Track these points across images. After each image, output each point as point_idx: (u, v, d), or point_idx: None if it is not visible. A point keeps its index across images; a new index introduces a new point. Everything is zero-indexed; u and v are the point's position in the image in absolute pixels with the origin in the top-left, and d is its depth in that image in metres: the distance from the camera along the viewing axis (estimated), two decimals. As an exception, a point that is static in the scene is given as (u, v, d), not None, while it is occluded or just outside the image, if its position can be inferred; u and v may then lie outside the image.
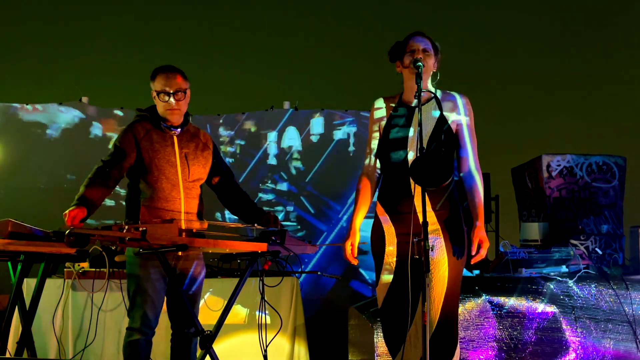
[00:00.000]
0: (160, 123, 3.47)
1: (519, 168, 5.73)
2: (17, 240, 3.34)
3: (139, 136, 3.44)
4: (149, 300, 3.39)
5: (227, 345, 4.55)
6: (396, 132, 3.24)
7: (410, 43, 3.25)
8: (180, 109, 3.48)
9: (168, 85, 3.44)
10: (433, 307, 3.12)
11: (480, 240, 3.13)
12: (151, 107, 3.55)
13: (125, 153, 3.41)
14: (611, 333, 4.41)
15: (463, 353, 4.20)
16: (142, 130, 3.46)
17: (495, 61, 7.74)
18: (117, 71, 7.45)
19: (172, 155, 3.46)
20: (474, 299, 4.33)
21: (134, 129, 3.47)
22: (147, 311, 3.39)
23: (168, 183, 3.43)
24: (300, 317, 4.75)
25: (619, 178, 5.30)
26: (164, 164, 3.43)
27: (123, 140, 3.44)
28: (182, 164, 3.48)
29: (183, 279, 3.53)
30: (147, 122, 3.50)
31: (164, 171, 3.43)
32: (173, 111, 3.46)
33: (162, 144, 3.46)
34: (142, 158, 3.42)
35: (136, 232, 3.02)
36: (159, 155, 3.43)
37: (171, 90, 3.43)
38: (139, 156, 3.42)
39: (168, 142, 3.48)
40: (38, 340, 4.08)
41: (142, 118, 3.52)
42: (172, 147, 3.48)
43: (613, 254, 5.14)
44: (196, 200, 3.54)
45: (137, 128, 3.47)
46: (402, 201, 3.18)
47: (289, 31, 7.83)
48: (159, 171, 3.42)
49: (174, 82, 3.45)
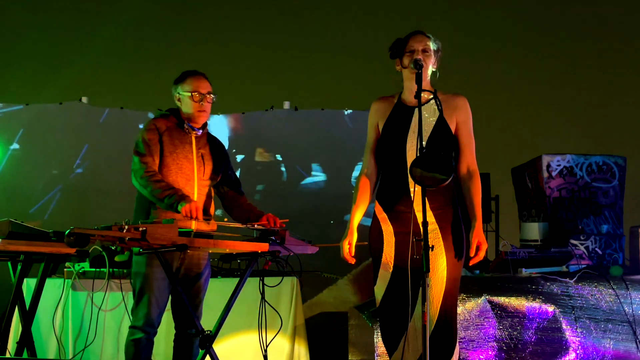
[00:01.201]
0: (184, 122, 3.59)
1: (519, 168, 5.73)
2: (17, 240, 3.34)
3: (161, 130, 3.54)
4: (153, 299, 3.42)
5: (227, 345, 4.55)
6: (395, 132, 3.24)
7: (410, 43, 3.25)
8: (207, 111, 3.63)
9: (201, 87, 3.59)
10: (432, 307, 3.13)
11: (478, 242, 3.14)
12: (173, 109, 3.66)
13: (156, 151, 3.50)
14: (611, 333, 4.41)
15: (463, 353, 4.20)
16: (164, 126, 3.56)
17: (495, 61, 7.74)
18: (117, 71, 7.45)
19: (189, 152, 3.57)
20: (474, 299, 4.33)
21: (157, 123, 3.57)
22: (151, 310, 3.41)
23: (183, 177, 3.53)
24: (300, 317, 4.75)
25: (619, 178, 5.30)
26: (182, 159, 3.54)
27: (150, 137, 3.51)
28: (199, 162, 3.58)
29: (189, 279, 3.54)
30: (168, 119, 3.60)
31: (181, 166, 3.53)
32: (202, 113, 3.59)
33: (182, 140, 3.57)
34: (162, 151, 3.51)
35: (136, 232, 3.03)
36: (178, 150, 3.54)
37: (204, 91, 3.58)
38: (160, 149, 3.52)
39: (187, 140, 3.58)
40: (38, 340, 4.08)
41: (163, 116, 3.63)
42: (190, 146, 3.59)
43: (613, 254, 5.14)
44: (208, 199, 3.64)
45: (160, 123, 3.57)
46: (401, 200, 3.18)
47: (289, 31, 7.83)
48: (176, 165, 3.52)
49: (206, 85, 3.62)
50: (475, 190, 3.23)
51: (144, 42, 7.67)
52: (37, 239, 3.46)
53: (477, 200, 3.22)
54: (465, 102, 3.28)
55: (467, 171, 3.26)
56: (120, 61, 7.51)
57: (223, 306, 3.51)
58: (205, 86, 3.60)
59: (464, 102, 3.28)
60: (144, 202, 3.51)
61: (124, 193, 6.18)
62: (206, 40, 7.76)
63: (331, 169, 6.57)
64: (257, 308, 3.70)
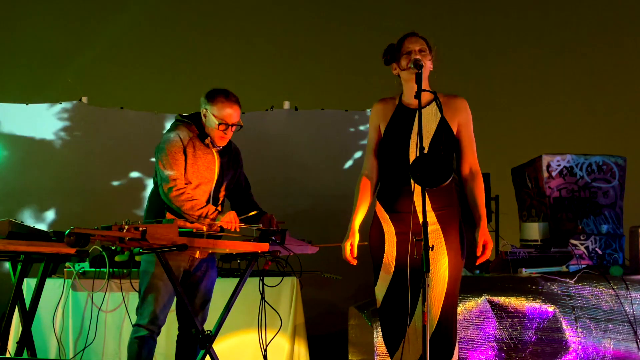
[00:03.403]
0: (206, 136, 3.54)
1: (519, 168, 5.73)
2: (17, 240, 3.34)
3: (185, 142, 3.49)
4: (160, 299, 3.43)
5: (227, 345, 4.55)
6: (398, 134, 3.24)
7: (406, 44, 3.25)
8: (229, 138, 3.58)
9: (230, 117, 3.50)
10: (433, 307, 3.13)
11: (485, 241, 3.15)
12: (194, 115, 3.59)
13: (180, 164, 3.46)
14: (611, 333, 4.41)
15: (463, 353, 4.20)
16: (187, 137, 3.51)
17: (495, 61, 7.74)
18: (117, 71, 7.44)
19: (212, 163, 3.55)
20: (474, 299, 4.33)
21: (181, 133, 3.51)
22: (156, 309, 3.43)
23: (200, 190, 3.51)
24: (300, 316, 4.75)
25: (619, 178, 5.30)
26: (204, 170, 3.52)
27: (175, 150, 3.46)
28: (219, 172, 3.57)
29: (196, 280, 3.56)
30: (190, 129, 3.54)
31: (203, 176, 3.51)
32: (223, 139, 3.55)
33: (204, 151, 3.54)
34: (185, 163, 3.47)
35: (136, 232, 3.02)
36: (200, 162, 3.51)
37: (231, 122, 3.51)
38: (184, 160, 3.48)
39: (209, 151, 3.56)
40: (38, 340, 4.08)
41: (186, 124, 3.56)
42: (212, 156, 3.57)
43: (613, 254, 5.14)
44: (221, 206, 3.65)
45: (183, 133, 3.51)
46: (403, 201, 3.18)
47: (289, 31, 7.83)
48: (196, 178, 3.49)
49: (236, 115, 3.53)
50: (479, 190, 3.24)
51: (144, 42, 7.66)
52: (37, 239, 3.46)
53: (481, 200, 3.23)
54: (465, 103, 3.29)
55: (470, 171, 3.27)
56: (120, 61, 7.50)
57: (223, 306, 3.51)
58: (234, 117, 3.52)
59: (464, 104, 3.28)
60: (156, 203, 3.52)
61: (125, 193, 6.21)
62: (206, 40, 7.75)
63: (331, 169, 6.56)
64: (257, 308, 3.70)
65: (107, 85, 7.32)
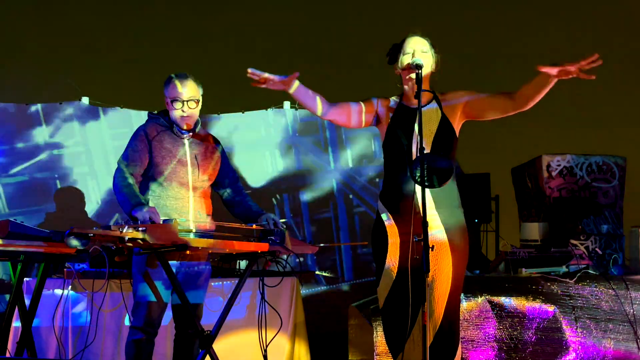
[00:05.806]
0: (173, 127, 3.54)
1: (519, 168, 5.73)
2: (17, 240, 3.34)
3: (150, 136, 3.50)
4: (154, 300, 3.40)
5: (227, 345, 4.55)
6: (400, 134, 3.24)
7: (408, 44, 3.25)
8: (192, 117, 3.55)
9: (181, 94, 3.50)
10: (437, 307, 3.13)
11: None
12: (163, 111, 3.62)
13: (141, 159, 3.47)
14: (611, 333, 4.41)
15: (463, 353, 4.20)
16: (154, 131, 3.52)
17: (495, 60, 7.74)
18: (117, 71, 7.45)
19: (183, 156, 3.54)
20: (474, 299, 4.33)
21: (146, 129, 3.53)
22: (151, 311, 3.41)
23: (177, 182, 3.51)
24: (300, 316, 4.75)
25: (619, 178, 5.30)
26: (175, 163, 3.51)
27: (138, 144, 3.49)
28: (193, 164, 3.55)
29: (188, 278, 3.54)
30: (159, 123, 3.56)
31: (175, 169, 3.50)
32: (185, 118, 3.52)
33: (174, 143, 3.54)
34: (154, 157, 3.48)
35: (136, 232, 3.02)
36: (170, 154, 3.50)
37: (184, 98, 3.50)
38: (151, 155, 3.49)
39: (179, 143, 3.55)
40: (38, 340, 4.08)
41: (154, 119, 3.59)
42: (183, 148, 3.55)
43: (613, 254, 5.14)
44: (205, 199, 3.61)
45: (149, 128, 3.53)
46: (406, 202, 3.18)
47: (289, 31, 7.83)
48: (169, 170, 3.49)
49: (188, 90, 3.51)
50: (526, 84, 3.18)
51: (144, 41, 7.67)
52: (37, 239, 3.46)
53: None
54: (458, 90, 3.28)
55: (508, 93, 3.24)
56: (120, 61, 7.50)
57: (223, 306, 3.51)
58: (186, 91, 3.50)
59: (457, 91, 3.28)
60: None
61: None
62: (206, 40, 7.76)
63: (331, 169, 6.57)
64: (257, 308, 3.69)
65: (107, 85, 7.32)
